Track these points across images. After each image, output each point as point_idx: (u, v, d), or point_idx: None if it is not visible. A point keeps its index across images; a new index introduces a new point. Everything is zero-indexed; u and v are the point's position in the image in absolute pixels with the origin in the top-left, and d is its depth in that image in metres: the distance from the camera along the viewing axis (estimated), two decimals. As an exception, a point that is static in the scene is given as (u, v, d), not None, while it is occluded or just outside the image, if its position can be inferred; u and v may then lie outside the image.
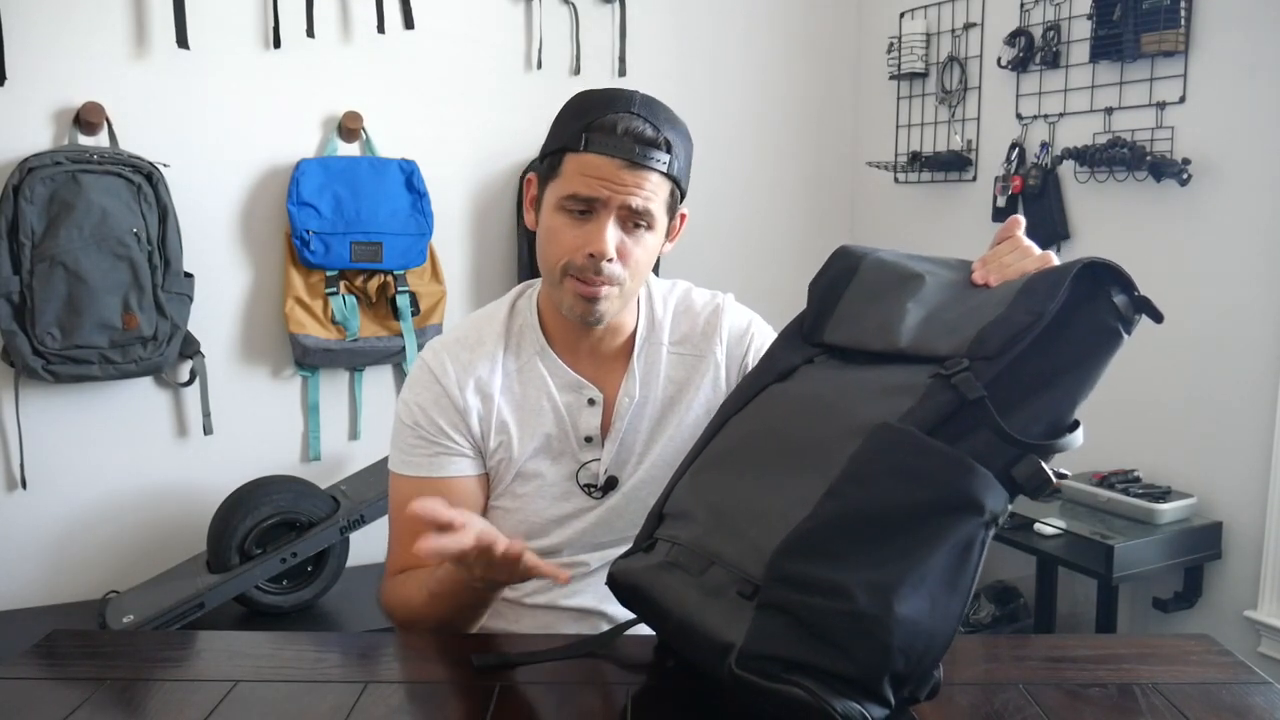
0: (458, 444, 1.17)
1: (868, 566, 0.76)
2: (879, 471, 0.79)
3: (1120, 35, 2.31)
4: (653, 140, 1.08)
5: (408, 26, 2.58)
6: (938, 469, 0.77)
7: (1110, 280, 0.81)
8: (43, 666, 1.02)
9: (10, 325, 2.17)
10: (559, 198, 1.09)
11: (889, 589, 0.75)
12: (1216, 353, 2.20)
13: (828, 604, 0.76)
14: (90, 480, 2.39)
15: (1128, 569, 2.07)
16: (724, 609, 0.82)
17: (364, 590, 2.37)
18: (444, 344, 1.20)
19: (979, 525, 0.78)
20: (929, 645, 0.77)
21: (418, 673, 1.04)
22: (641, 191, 1.07)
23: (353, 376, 2.65)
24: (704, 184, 3.05)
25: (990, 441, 0.78)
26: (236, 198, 2.48)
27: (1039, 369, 0.80)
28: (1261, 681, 0.95)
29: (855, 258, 1.00)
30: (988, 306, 0.84)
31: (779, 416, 0.92)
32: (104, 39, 2.30)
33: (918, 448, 0.78)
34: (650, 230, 1.11)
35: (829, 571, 0.77)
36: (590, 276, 1.09)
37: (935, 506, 0.77)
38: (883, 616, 0.75)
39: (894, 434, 0.79)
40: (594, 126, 1.07)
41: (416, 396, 1.18)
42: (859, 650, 0.75)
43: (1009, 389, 0.79)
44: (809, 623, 0.76)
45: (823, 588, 0.76)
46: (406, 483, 1.18)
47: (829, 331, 0.96)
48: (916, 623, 0.75)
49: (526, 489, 1.18)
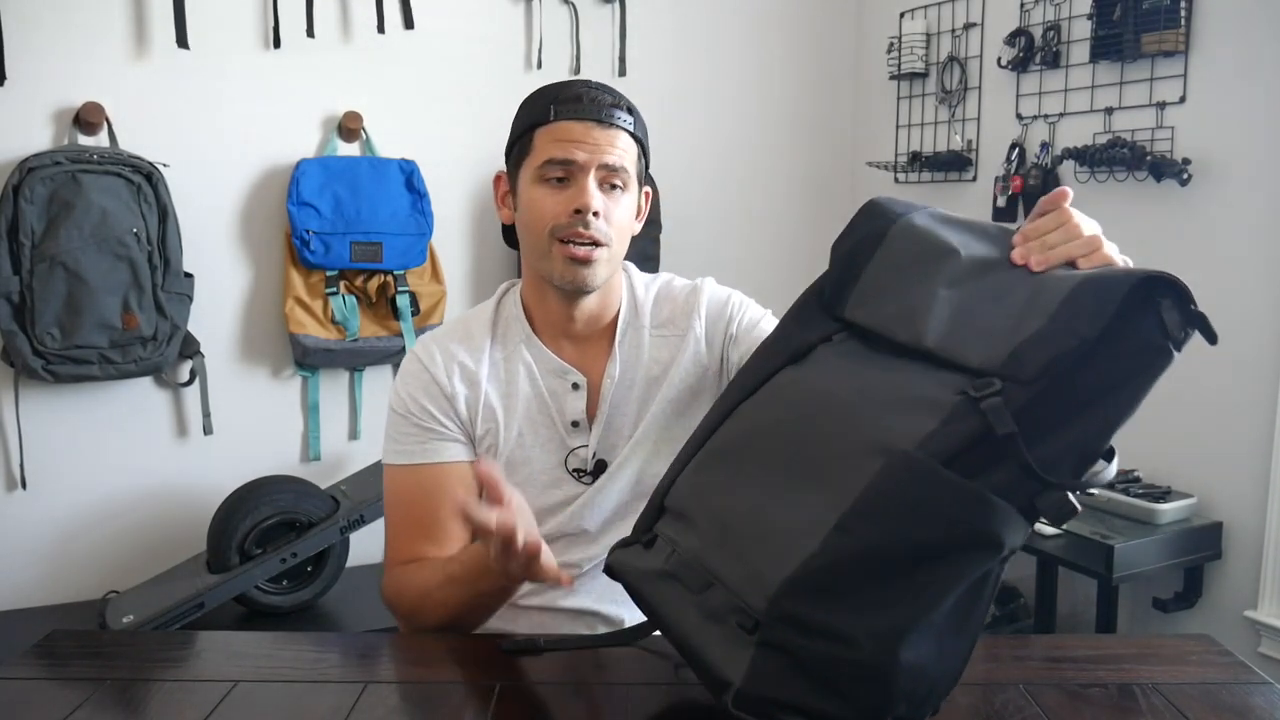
0: (448, 429, 1.19)
1: (875, 610, 0.72)
2: (894, 507, 0.73)
3: (1120, 35, 2.31)
4: (615, 103, 1.13)
5: (408, 26, 2.58)
6: (957, 507, 0.71)
7: (1164, 292, 0.72)
8: (43, 666, 1.02)
9: (10, 325, 2.17)
10: (535, 169, 1.13)
11: (896, 636, 0.71)
12: (1216, 353, 2.18)
13: (831, 650, 0.73)
14: (90, 480, 2.39)
15: (1128, 569, 2.07)
16: (724, 638, 0.79)
17: (364, 590, 2.37)
18: (433, 337, 1.24)
19: (995, 560, 0.74)
20: (933, 689, 0.75)
21: (418, 673, 1.04)
22: (615, 149, 1.12)
23: (353, 376, 2.65)
24: (704, 183, 3.06)
25: (1016, 475, 0.72)
26: (236, 198, 2.48)
27: (1076, 391, 0.72)
28: (1261, 681, 0.94)
29: (885, 219, 0.90)
30: (1027, 314, 0.75)
31: (792, 413, 0.86)
32: (104, 39, 2.30)
33: (937, 482, 0.72)
34: (625, 192, 1.14)
35: (834, 615, 0.73)
36: (579, 233, 1.11)
37: (952, 546, 0.72)
38: (888, 665, 0.71)
39: (912, 465, 0.73)
40: (560, 99, 1.13)
41: (407, 386, 1.20)
42: (861, 698, 0.73)
43: (1041, 414, 0.72)
44: (810, 667, 0.73)
45: (827, 633, 0.73)
46: (400, 471, 1.20)
47: (851, 306, 0.89)
48: (922, 668, 0.73)
49: (516, 477, 1.19)
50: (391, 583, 1.18)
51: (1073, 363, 0.71)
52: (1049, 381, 0.71)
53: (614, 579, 0.94)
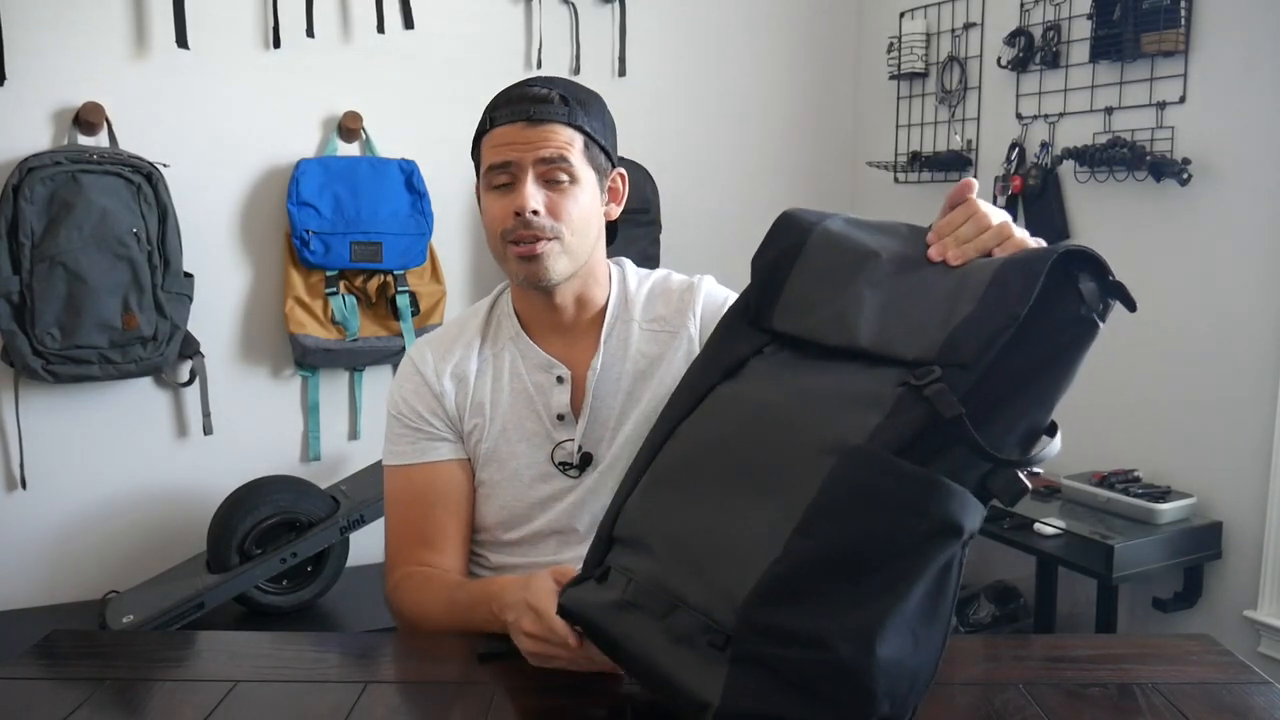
0: (437, 429, 1.21)
1: (845, 609, 0.72)
2: (851, 503, 0.73)
3: (1120, 35, 2.31)
4: (546, 97, 1.13)
5: (408, 26, 2.58)
6: (914, 495, 0.72)
7: (1081, 267, 0.75)
8: (43, 666, 1.02)
9: (10, 325, 2.17)
10: (483, 177, 1.16)
11: (870, 633, 0.71)
12: (1216, 353, 2.20)
13: (807, 656, 0.72)
14: (90, 480, 2.39)
15: (1128, 569, 2.07)
16: (696, 661, 0.77)
17: (364, 590, 2.37)
18: (428, 339, 1.27)
19: (957, 545, 0.74)
20: (913, 683, 0.75)
21: (418, 673, 1.04)
22: (547, 144, 1.12)
23: (353, 376, 2.65)
24: (704, 183, 3.06)
25: (966, 457, 0.73)
26: (236, 198, 2.48)
27: (1013, 370, 0.74)
28: (1261, 681, 0.95)
29: (800, 230, 0.91)
30: (957, 301, 0.78)
31: (732, 427, 0.85)
32: (104, 39, 2.30)
33: (890, 474, 0.72)
34: (575, 183, 1.14)
35: (805, 620, 0.72)
36: (522, 234, 1.12)
37: (913, 536, 0.72)
38: (865, 665, 0.71)
39: (866, 459, 0.73)
40: (494, 105, 1.16)
41: (400, 389, 1.24)
42: (843, 701, 0.72)
43: (983, 396, 0.74)
44: (788, 676, 0.73)
45: (800, 638, 0.72)
46: (396, 473, 1.23)
47: (777, 317, 0.89)
48: (900, 663, 0.73)
49: (504, 473, 1.21)
50: (395, 591, 1.20)
51: (1007, 342, 0.74)
52: (988, 363, 0.74)
53: (568, 619, 0.89)
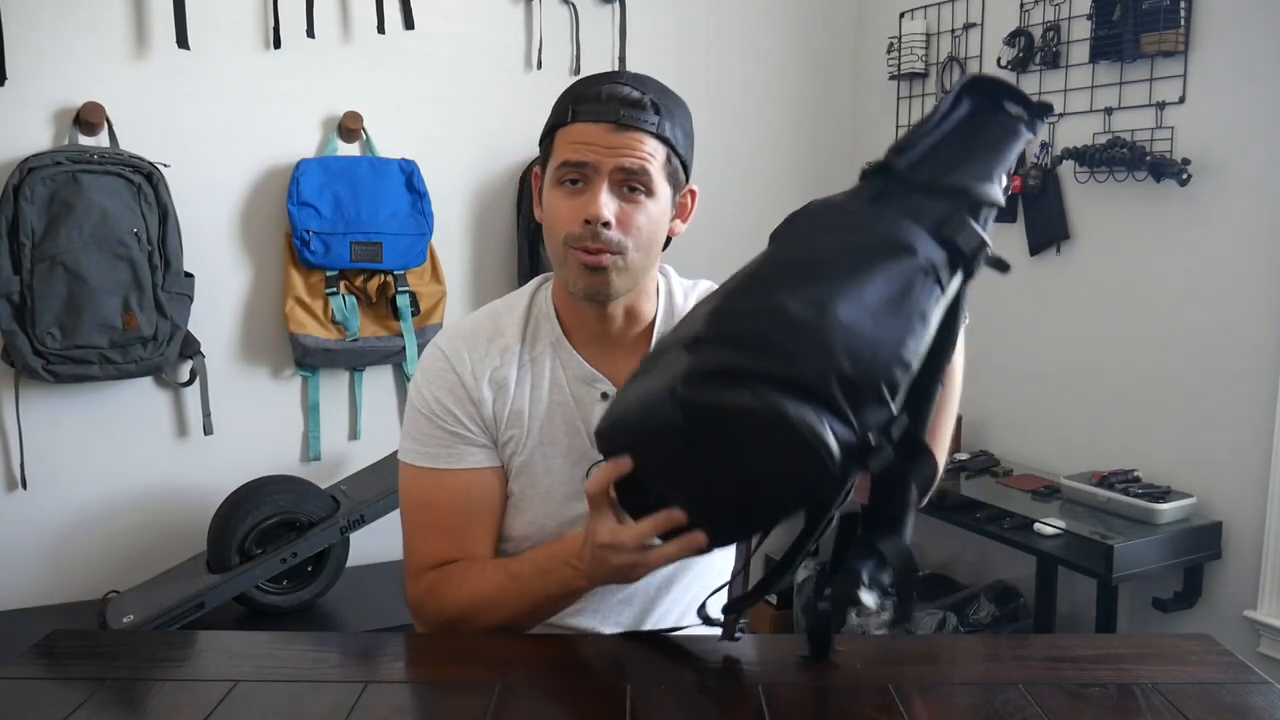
0: (474, 435, 1.15)
1: (804, 287, 0.81)
2: (809, 229, 0.88)
3: (1120, 35, 2.31)
4: (638, 102, 1.07)
5: (408, 26, 2.58)
6: (865, 220, 0.86)
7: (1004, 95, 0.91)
8: (43, 666, 1.02)
9: (10, 325, 2.17)
10: (553, 171, 1.10)
11: (824, 300, 0.80)
12: (1216, 353, 2.20)
13: (763, 320, 0.81)
14: (90, 480, 2.39)
15: (1127, 569, 2.07)
16: (666, 365, 0.86)
17: (364, 590, 2.37)
18: (461, 333, 1.18)
19: (915, 268, 0.82)
20: (875, 352, 0.79)
21: (418, 673, 1.04)
22: (632, 153, 1.06)
23: (353, 376, 2.65)
24: (704, 183, 3.05)
25: (917, 204, 0.86)
26: (236, 198, 2.48)
27: (954, 153, 0.88)
28: (1261, 681, 0.95)
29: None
30: None
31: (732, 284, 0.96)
32: (104, 39, 2.30)
33: (843, 207, 0.88)
34: (650, 197, 1.09)
35: (767, 297, 0.82)
36: (589, 244, 1.07)
37: (865, 247, 0.83)
38: (820, 320, 0.79)
39: (822, 203, 0.90)
40: (580, 98, 1.09)
41: (431, 386, 1.15)
42: (799, 351, 0.78)
43: (929, 169, 0.88)
44: (749, 341, 0.80)
45: (760, 313, 0.82)
46: (425, 474, 1.16)
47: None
48: (858, 328, 0.79)
49: (537, 489, 1.16)
50: (425, 589, 1.14)
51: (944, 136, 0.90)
52: (931, 149, 0.89)
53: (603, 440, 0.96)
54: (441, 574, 1.13)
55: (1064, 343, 2.54)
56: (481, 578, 1.11)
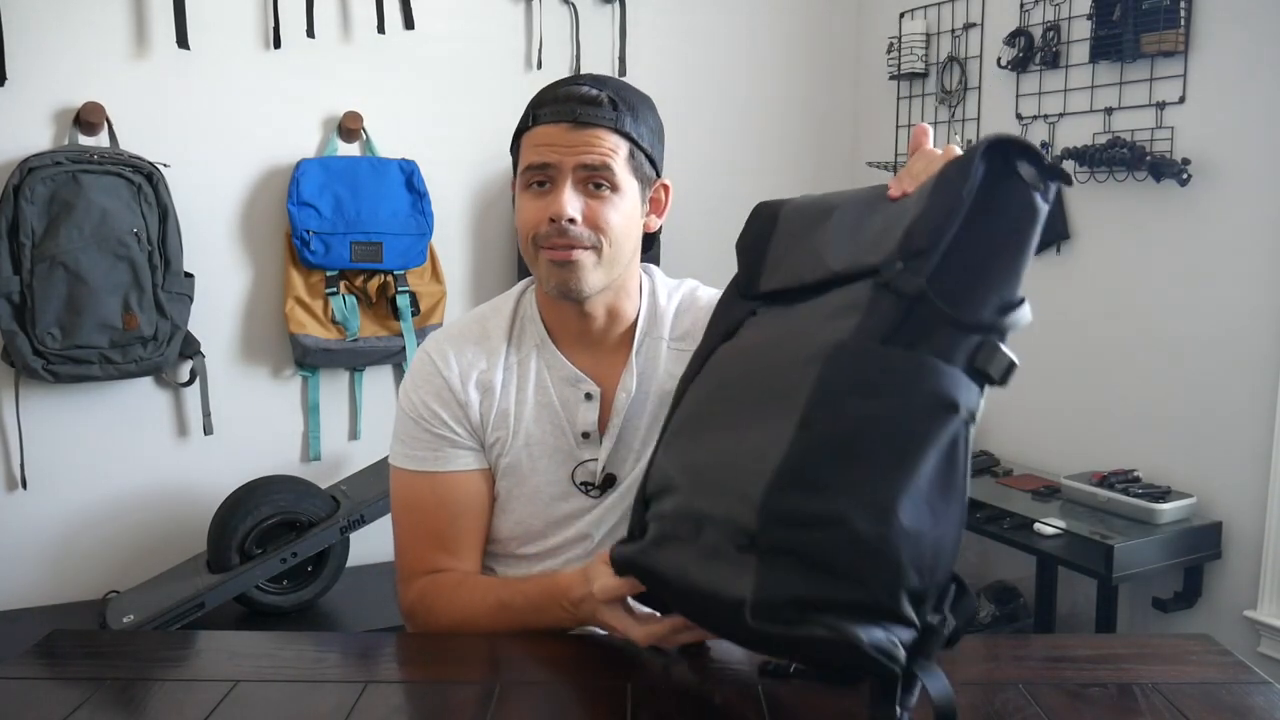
0: (460, 437, 1.16)
1: (858, 488, 0.75)
2: (845, 392, 0.78)
3: (1120, 35, 2.31)
4: (594, 99, 1.09)
5: (408, 26, 2.58)
6: (903, 377, 0.76)
7: (1018, 155, 0.80)
8: (43, 666, 1.02)
9: (10, 325, 2.17)
10: (520, 175, 1.12)
11: (885, 506, 0.74)
12: (1216, 352, 2.20)
13: (827, 535, 0.75)
14: (90, 480, 2.39)
15: (1127, 569, 2.07)
16: (726, 567, 0.80)
17: (364, 590, 2.37)
18: (448, 336, 1.20)
19: (959, 424, 0.77)
20: (938, 554, 0.76)
21: (418, 673, 1.04)
22: (591, 150, 1.08)
23: (353, 376, 2.65)
24: (704, 183, 3.06)
25: (947, 338, 0.77)
26: (236, 198, 2.48)
27: (974, 254, 0.79)
28: (1261, 681, 0.94)
29: (774, 209, 0.99)
30: (909, 208, 0.84)
31: (733, 369, 0.91)
32: (104, 39, 2.30)
33: (878, 360, 0.77)
34: (616, 192, 1.10)
35: (821, 503, 0.76)
36: (555, 241, 1.09)
37: (910, 414, 0.76)
38: (885, 534, 0.74)
39: (852, 352, 0.79)
40: (540, 102, 1.11)
41: (418, 389, 1.17)
42: (869, 573, 0.74)
43: (949, 280, 0.78)
44: (813, 559, 0.75)
45: (819, 520, 0.75)
46: (412, 477, 1.17)
47: (764, 280, 0.95)
48: (920, 534, 0.75)
49: (524, 488, 1.17)
50: (417, 598, 1.15)
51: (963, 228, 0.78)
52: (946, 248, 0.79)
53: (620, 572, 0.94)
54: (433, 584, 1.15)
55: (1064, 343, 2.54)
56: (473, 598, 1.11)
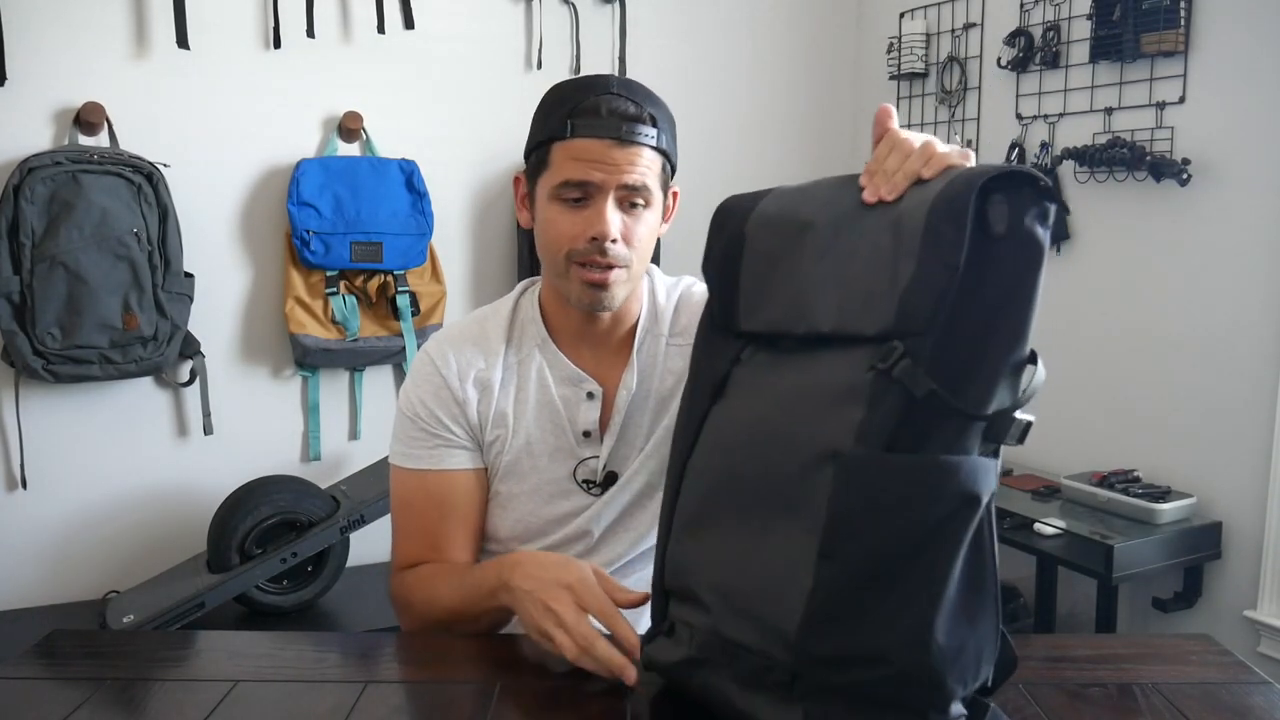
0: (457, 436, 1.17)
1: (891, 616, 0.73)
2: (860, 512, 0.73)
3: (1120, 35, 2.31)
4: (638, 116, 1.07)
5: (408, 26, 2.58)
6: (920, 487, 0.71)
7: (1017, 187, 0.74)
8: (43, 666, 1.02)
9: (10, 325, 2.17)
10: (552, 187, 1.09)
11: (923, 635, 0.72)
12: (1216, 353, 2.20)
13: (871, 674, 0.73)
14: (90, 480, 2.40)
15: (1127, 569, 2.07)
16: (770, 702, 0.79)
17: (364, 590, 2.37)
18: (447, 337, 1.20)
19: (982, 509, 0.74)
20: (979, 656, 0.76)
21: (418, 673, 1.04)
22: (635, 169, 1.07)
23: (353, 376, 2.65)
24: (704, 183, 3.05)
25: (960, 423, 0.73)
26: (236, 198, 2.48)
27: (978, 313, 0.72)
28: (1261, 681, 0.94)
29: (737, 220, 0.91)
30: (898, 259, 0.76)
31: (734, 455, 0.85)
32: (104, 39, 2.30)
33: (889, 474, 0.72)
34: (649, 208, 1.10)
35: (858, 640, 0.73)
36: (595, 259, 1.07)
37: (933, 522, 0.72)
38: (926, 661, 0.72)
39: (861, 468, 0.73)
40: (577, 112, 1.07)
41: (417, 388, 1.18)
42: (918, 700, 0.74)
43: (954, 354, 0.72)
44: (859, 696, 0.75)
45: (859, 659, 0.73)
46: (407, 475, 1.18)
47: (743, 318, 0.88)
48: (961, 648, 0.74)
49: (523, 487, 1.17)
50: (399, 587, 1.17)
51: (958, 293, 0.72)
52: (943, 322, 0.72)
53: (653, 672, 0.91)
54: (414, 575, 1.16)
55: (1064, 343, 2.54)
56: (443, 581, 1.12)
